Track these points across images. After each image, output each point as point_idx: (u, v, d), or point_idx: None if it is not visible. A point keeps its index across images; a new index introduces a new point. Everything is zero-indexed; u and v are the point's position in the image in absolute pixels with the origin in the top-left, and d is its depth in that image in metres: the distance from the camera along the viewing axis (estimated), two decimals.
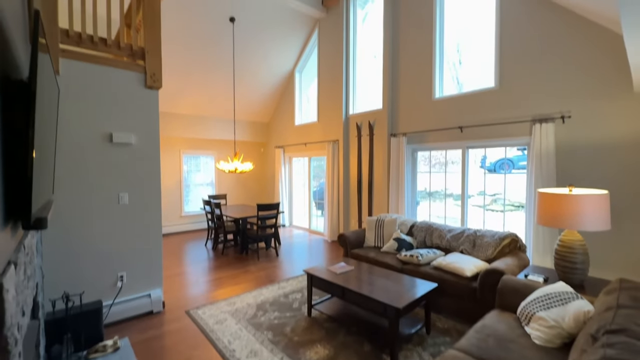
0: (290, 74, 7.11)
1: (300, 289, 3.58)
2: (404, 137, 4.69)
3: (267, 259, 4.81)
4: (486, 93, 3.90)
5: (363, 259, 3.60)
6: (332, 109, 6.02)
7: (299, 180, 7.53)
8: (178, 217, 6.84)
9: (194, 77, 6.01)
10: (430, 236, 3.59)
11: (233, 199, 7.67)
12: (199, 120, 6.91)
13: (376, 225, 3.94)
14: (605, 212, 2.22)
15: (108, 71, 2.77)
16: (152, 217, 3.05)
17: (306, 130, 6.74)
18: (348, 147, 5.81)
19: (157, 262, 3.11)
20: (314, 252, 5.21)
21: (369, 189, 5.34)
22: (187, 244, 5.85)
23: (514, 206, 5.66)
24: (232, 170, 5.36)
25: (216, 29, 5.47)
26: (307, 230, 6.94)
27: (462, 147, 4.20)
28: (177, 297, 3.43)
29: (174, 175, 6.77)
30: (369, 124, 5.29)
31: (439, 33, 4.46)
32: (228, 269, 4.34)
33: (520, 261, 2.79)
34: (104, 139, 2.75)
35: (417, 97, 4.67)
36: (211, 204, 5.14)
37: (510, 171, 7.07)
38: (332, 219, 5.90)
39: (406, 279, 2.71)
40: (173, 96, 6.16)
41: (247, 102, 7.16)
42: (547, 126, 3.30)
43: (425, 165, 4.86)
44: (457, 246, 3.30)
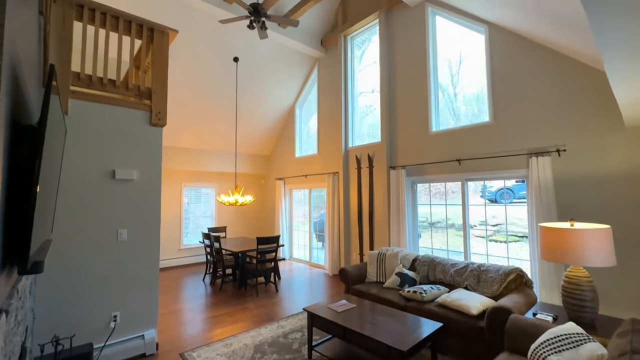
0: (291, 108, 7.35)
1: (301, 328, 3.43)
2: (402, 169, 4.74)
3: (266, 295, 4.66)
4: (482, 127, 4.01)
5: (365, 296, 3.49)
6: (331, 141, 6.15)
7: (299, 212, 7.51)
8: (177, 250, 6.73)
9: (198, 112, 6.21)
10: (434, 271, 3.51)
11: (233, 231, 7.60)
12: (201, 154, 7.03)
13: (378, 260, 3.86)
14: (609, 247, 2.19)
15: (115, 110, 2.87)
16: (150, 253, 3.00)
17: (306, 163, 6.83)
18: (348, 179, 5.86)
19: (153, 300, 3.01)
20: (314, 287, 5.07)
21: (370, 221, 5.30)
22: (185, 278, 5.70)
23: (517, 236, 5.59)
24: (232, 202, 5.36)
25: (220, 68, 5.74)
26: (307, 263, 6.80)
27: (461, 180, 4.23)
28: (172, 337, 3.28)
29: (175, 207, 6.76)
30: (368, 156, 5.37)
31: (432, 69, 4.67)
32: (225, 306, 4.20)
33: (527, 298, 2.70)
34: (107, 176, 2.79)
35: (414, 131, 4.79)
36: (210, 237, 5.08)
37: (512, 201, 7.06)
38: (333, 251, 5.80)
39: (410, 317, 2.61)
40: (176, 131, 6.32)
41: (248, 135, 7.33)
42: (543, 159, 3.34)
43: (426, 195, 4.87)
44: (462, 282, 3.21)
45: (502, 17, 3.59)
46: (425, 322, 2.52)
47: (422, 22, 4.78)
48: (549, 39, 3.31)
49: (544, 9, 2.78)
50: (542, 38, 3.40)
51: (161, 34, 3.15)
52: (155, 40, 3.11)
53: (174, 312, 4.01)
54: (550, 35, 3.22)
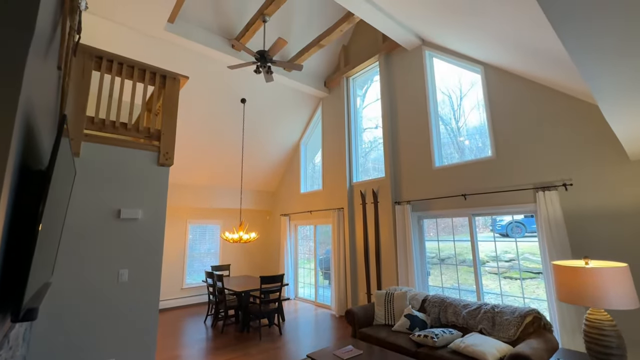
0: (296, 146, 7.52)
1: None
2: (408, 205, 4.70)
3: (270, 339, 4.42)
4: (485, 162, 4.02)
5: (373, 340, 3.28)
6: (336, 177, 6.19)
7: (304, 248, 7.37)
8: (179, 290, 6.56)
9: (205, 151, 6.39)
10: (445, 312, 3.32)
11: (237, 269, 7.44)
12: (207, 191, 7.11)
13: (385, 300, 3.70)
14: (629, 287, 2.06)
15: (124, 152, 2.97)
16: (150, 295, 2.93)
17: (311, 199, 6.84)
18: (353, 214, 5.81)
19: (151, 345, 2.88)
20: (320, 330, 4.81)
21: (377, 258, 5.15)
22: (186, 320, 5.49)
23: (532, 273, 5.33)
24: (236, 240, 5.31)
25: (228, 109, 6.00)
26: (313, 303, 6.52)
27: (467, 215, 4.16)
28: None
29: (179, 245, 6.71)
30: (372, 192, 5.37)
31: (432, 107, 4.80)
32: (226, 352, 3.98)
33: (547, 343, 2.51)
34: (112, 215, 2.82)
35: (418, 166, 4.81)
36: (213, 276, 4.97)
37: (524, 235, 6.84)
38: (340, 291, 5.58)
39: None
40: (183, 169, 6.46)
41: (254, 172, 7.45)
42: (550, 194, 3.29)
43: (433, 230, 4.76)
44: (475, 325, 3.02)
45: (496, 57, 3.75)
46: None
47: (420, 64, 5.01)
48: (544, 78, 3.42)
49: (534, 50, 2.91)
50: (537, 77, 3.51)
51: (173, 80, 3.35)
52: (167, 85, 3.30)
53: (172, 359, 3.81)
54: (544, 74, 3.33)
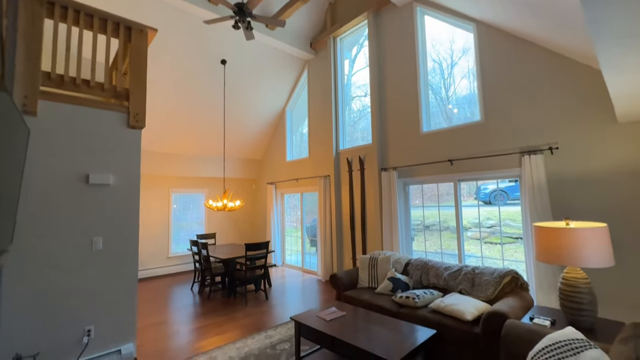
0: (281, 112, 7.25)
1: (290, 338, 3.28)
2: (394, 171, 4.64)
3: (256, 303, 4.49)
4: (473, 126, 3.93)
5: (357, 302, 3.35)
6: (322, 144, 6.04)
7: (291, 217, 7.37)
8: (165, 259, 6.53)
9: (185, 116, 6.07)
10: (427, 275, 3.39)
11: (223, 238, 7.42)
12: (189, 159, 6.87)
13: (369, 264, 3.74)
14: (607, 247, 2.09)
15: (89, 112, 2.73)
16: (128, 262, 2.84)
17: (297, 166, 6.71)
18: (339, 182, 5.75)
19: (131, 312, 2.84)
20: (307, 294, 4.91)
21: (362, 225, 5.18)
22: (172, 287, 5.51)
23: (512, 238, 5.54)
24: (220, 208, 5.21)
25: (207, 71, 5.63)
26: (300, 269, 6.64)
27: (453, 181, 4.15)
28: (153, 351, 3.10)
29: (163, 214, 6.57)
30: (359, 159, 5.27)
31: (422, 69, 4.60)
32: (212, 316, 4.02)
33: (523, 301, 2.59)
34: (80, 181, 2.64)
35: (405, 132, 4.70)
36: (198, 245, 4.92)
37: (506, 202, 7.02)
38: (326, 257, 5.65)
39: (403, 325, 2.48)
40: (162, 135, 6.17)
41: (238, 139, 7.20)
42: (536, 158, 3.27)
43: (419, 198, 4.77)
44: (456, 285, 3.10)
45: (490, 13, 3.54)
46: (418, 329, 2.40)
47: (411, 22, 4.73)
48: (537, 36, 3.26)
49: (531, 2, 2.72)
50: (530, 35, 3.35)
51: (139, 33, 3.02)
52: (134, 39, 2.99)
53: (157, 324, 3.82)
54: (538, 32, 3.17)
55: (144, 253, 6.27)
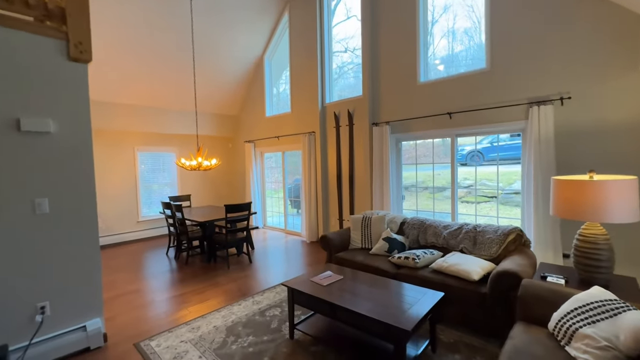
0: (259, 60, 6.49)
1: (279, 303, 3.05)
2: (387, 125, 4.28)
3: (239, 267, 4.22)
4: (477, 75, 3.58)
5: (350, 264, 3.14)
6: (306, 97, 5.50)
7: (271, 177, 6.96)
8: (135, 223, 6.01)
9: (147, 62, 5.22)
10: (424, 234, 3.21)
11: (199, 200, 6.94)
12: (156, 113, 6.10)
13: (363, 224, 3.50)
14: (635, 201, 1.92)
15: (14, 36, 2.06)
16: (85, 226, 2.37)
17: (279, 122, 6.17)
18: (325, 139, 5.33)
19: (95, 283, 2.44)
20: (292, 256, 4.70)
21: (350, 184, 4.90)
22: (145, 253, 5.09)
23: (487, 197, 5.58)
24: (194, 167, 4.68)
25: (171, 9, 4.73)
26: (283, 231, 6.40)
27: (451, 135, 3.88)
28: (127, 323, 2.77)
29: (128, 174, 5.92)
30: (348, 113, 4.84)
31: (422, 10, 4.08)
32: (192, 283, 3.71)
33: (529, 259, 2.47)
34: (8, 127, 2.05)
35: (400, 82, 4.28)
36: (172, 207, 4.44)
37: (481, 163, 7.02)
38: (311, 218, 5.40)
39: (407, 288, 2.28)
40: (122, 84, 5.32)
41: (210, 92, 6.44)
42: (545, 109, 3.01)
43: (411, 158, 4.50)
44: (456, 244, 2.94)
45: None
46: (424, 292, 2.20)
47: None
48: None
49: None
50: None
51: None
52: None
53: (130, 293, 3.46)
54: None
55: (111, 217, 5.70)
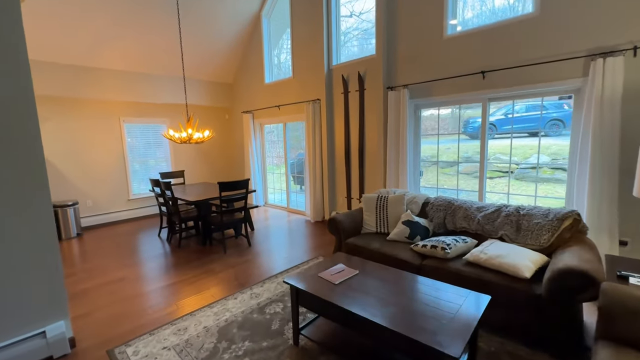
0: (255, 18, 5.72)
1: (281, 297, 2.63)
2: (405, 89, 3.66)
3: (237, 251, 3.79)
4: (521, 22, 2.91)
5: (364, 253, 2.67)
6: (310, 60, 4.82)
7: (273, 151, 6.40)
8: (125, 202, 5.56)
9: (127, 18, 4.52)
10: (452, 217, 2.70)
11: (193, 176, 6.44)
12: (142, 79, 5.46)
13: (377, 205, 3.00)
14: None
15: None
16: (32, 210, 1.89)
17: (279, 90, 5.52)
18: (332, 107, 4.72)
19: (53, 278, 1.99)
20: (296, 238, 4.26)
21: (360, 158, 4.36)
22: (136, 235, 4.68)
23: (501, 172, 5.09)
24: (184, 139, 4.14)
25: None
26: (285, 209, 5.95)
27: (482, 100, 3.26)
28: (104, 322, 2.36)
29: (115, 148, 5.39)
30: (358, 75, 4.19)
31: None
32: (184, 270, 3.30)
33: (593, 252, 1.97)
34: None
35: (422, 36, 3.60)
36: (161, 185, 3.96)
37: (494, 136, 6.43)
38: (316, 196, 4.91)
39: (441, 289, 1.80)
40: (101, 45, 4.66)
41: (202, 56, 5.74)
42: (613, 61, 2.39)
43: (429, 125, 3.92)
44: (494, 230, 2.44)
45: None
46: (464, 294, 1.73)
47: None
48: None
49: None
50: None
51: None
52: None
53: (115, 283, 3.05)
54: None
55: (98, 195, 5.25)
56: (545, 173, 6.52)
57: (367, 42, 4.34)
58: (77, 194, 5.02)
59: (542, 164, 5.94)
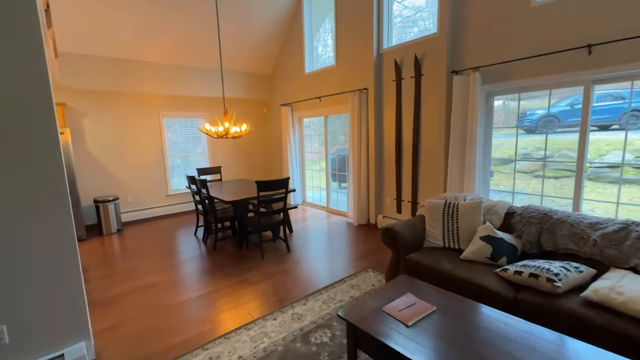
0: (296, 2, 5.29)
1: (328, 322, 2.20)
2: (475, 73, 3.03)
3: (275, 257, 3.44)
4: None
5: (432, 274, 2.15)
6: (356, 44, 4.30)
7: (310, 147, 6.00)
8: (164, 197, 5.49)
9: (164, 9, 4.32)
10: (551, 234, 2.08)
11: (231, 173, 6.25)
12: (180, 72, 5.30)
13: (445, 213, 2.45)
14: None
15: None
16: (51, 219, 1.62)
17: (321, 80, 5.08)
18: (381, 97, 4.18)
19: (74, 296, 1.74)
20: (338, 244, 3.82)
21: (414, 156, 3.79)
22: (173, 232, 4.53)
23: (569, 171, 4.26)
24: (221, 133, 3.86)
25: None
26: (324, 209, 5.53)
27: (584, 82, 2.55)
28: (127, 340, 2.10)
29: (154, 143, 5.31)
30: (415, 59, 3.61)
31: None
32: (218, 278, 3.00)
33: None
34: None
35: (501, 5, 2.93)
36: (197, 182, 3.72)
37: (555, 130, 5.51)
38: (360, 196, 4.43)
39: (571, 346, 1.25)
40: (140, 38, 4.53)
41: (240, 45, 5.45)
42: None
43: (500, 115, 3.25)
44: (621, 257, 1.80)
45: None
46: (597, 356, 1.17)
47: None
48: None
49: None
50: None
51: None
52: None
53: (147, 288, 2.84)
54: None
55: (138, 190, 5.22)
56: (627, 173, 5.48)
57: (425, 20, 3.73)
58: (118, 189, 5.00)
59: (626, 162, 5.01)
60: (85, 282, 2.98)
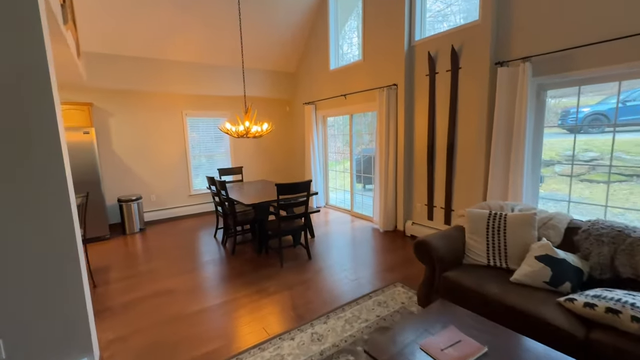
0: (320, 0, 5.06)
1: (352, 346, 1.94)
2: (525, 64, 2.63)
3: (295, 266, 3.23)
4: None
5: (475, 299, 1.83)
6: (386, 37, 3.99)
7: (333, 147, 5.75)
8: (186, 197, 5.46)
9: (188, 8, 4.24)
10: (631, 256, 1.69)
11: (252, 173, 6.13)
12: (204, 70, 5.24)
13: (490, 226, 2.11)
14: None
15: None
16: (51, 223, 1.49)
17: (346, 77, 4.81)
18: (412, 93, 3.85)
19: (76, 307, 1.60)
20: (363, 252, 3.54)
21: (449, 158, 3.43)
22: (193, 233, 4.46)
23: (623, 175, 3.67)
24: (242, 132, 3.70)
25: None
26: (349, 212, 5.26)
27: None
28: (136, 354, 1.96)
29: (177, 142, 5.29)
30: (452, 50, 3.25)
31: None
32: (235, 285, 2.83)
33: None
34: None
35: None
36: (216, 183, 3.59)
37: (603, 130, 4.86)
38: (387, 200, 4.11)
39: None
40: (163, 37, 4.49)
41: (263, 43, 5.30)
42: None
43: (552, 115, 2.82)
44: None
45: None
46: None
47: None
48: None
49: None
50: None
51: None
52: None
53: (162, 295, 2.72)
54: None
55: (161, 190, 5.21)
56: None
57: (456, 15, 3.36)
58: (142, 189, 5.02)
59: None
60: (104, 285, 2.92)
